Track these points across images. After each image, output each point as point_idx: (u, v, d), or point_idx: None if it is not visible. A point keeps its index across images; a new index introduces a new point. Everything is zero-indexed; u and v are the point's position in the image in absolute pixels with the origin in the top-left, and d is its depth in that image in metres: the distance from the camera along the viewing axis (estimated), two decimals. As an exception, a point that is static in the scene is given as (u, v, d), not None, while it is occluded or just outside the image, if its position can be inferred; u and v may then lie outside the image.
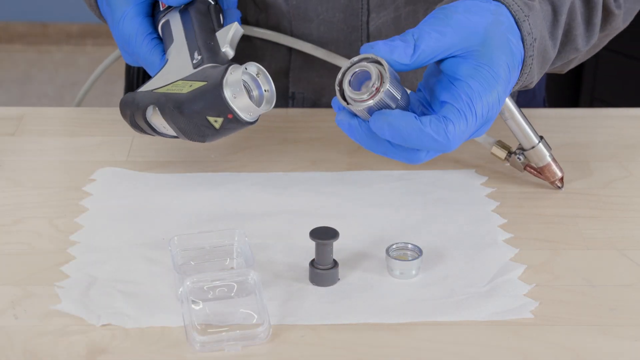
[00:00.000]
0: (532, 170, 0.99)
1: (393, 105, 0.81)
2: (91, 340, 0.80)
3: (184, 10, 0.96)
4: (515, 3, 0.86)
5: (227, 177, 1.01)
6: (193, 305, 0.82)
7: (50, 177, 1.01)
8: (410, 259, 0.87)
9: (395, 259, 0.87)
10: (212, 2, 0.98)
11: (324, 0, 1.09)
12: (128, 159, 1.04)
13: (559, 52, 0.94)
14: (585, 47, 0.96)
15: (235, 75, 0.85)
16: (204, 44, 0.91)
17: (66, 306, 0.83)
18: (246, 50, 1.13)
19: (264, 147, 1.06)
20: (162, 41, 0.97)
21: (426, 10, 1.09)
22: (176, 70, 0.90)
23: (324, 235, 0.85)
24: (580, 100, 2.39)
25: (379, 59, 0.80)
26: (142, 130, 0.93)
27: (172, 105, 0.85)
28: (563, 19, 0.91)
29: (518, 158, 0.98)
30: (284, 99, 1.15)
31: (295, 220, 0.94)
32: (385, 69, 0.80)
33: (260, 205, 0.96)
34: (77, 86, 3.23)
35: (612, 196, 0.99)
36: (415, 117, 0.80)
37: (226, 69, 0.85)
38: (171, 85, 0.88)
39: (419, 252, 0.88)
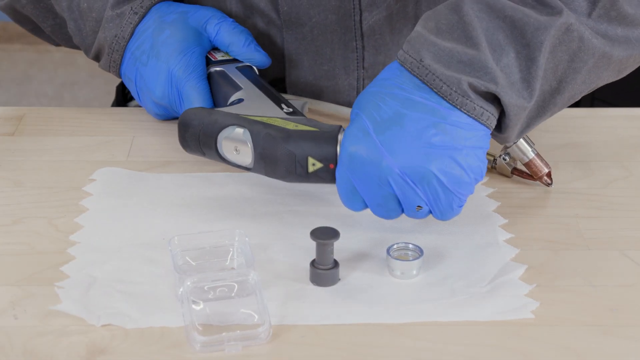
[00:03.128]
0: (520, 174, 0.99)
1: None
2: (91, 341, 0.80)
3: (242, 67, 1.05)
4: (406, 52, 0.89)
5: (227, 177, 1.01)
6: (193, 306, 0.82)
7: (50, 177, 1.01)
8: (411, 259, 0.87)
9: (396, 259, 0.87)
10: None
11: (315, 3, 1.08)
12: (128, 159, 1.04)
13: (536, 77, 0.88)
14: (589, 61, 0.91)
15: None
16: (287, 102, 0.96)
17: (66, 306, 0.83)
18: None
19: (264, 147, 1.06)
20: (206, 83, 1.04)
21: (415, 5, 1.09)
22: (262, 111, 0.93)
23: (324, 235, 0.85)
24: (580, 100, 2.39)
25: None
26: (195, 148, 0.92)
27: (274, 134, 0.88)
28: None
29: (503, 159, 0.99)
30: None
31: (295, 220, 0.94)
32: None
33: (260, 205, 0.96)
34: (77, 86, 3.22)
35: (612, 196, 0.99)
36: None
37: (340, 127, 0.89)
38: (266, 118, 0.91)
39: (419, 252, 0.88)
